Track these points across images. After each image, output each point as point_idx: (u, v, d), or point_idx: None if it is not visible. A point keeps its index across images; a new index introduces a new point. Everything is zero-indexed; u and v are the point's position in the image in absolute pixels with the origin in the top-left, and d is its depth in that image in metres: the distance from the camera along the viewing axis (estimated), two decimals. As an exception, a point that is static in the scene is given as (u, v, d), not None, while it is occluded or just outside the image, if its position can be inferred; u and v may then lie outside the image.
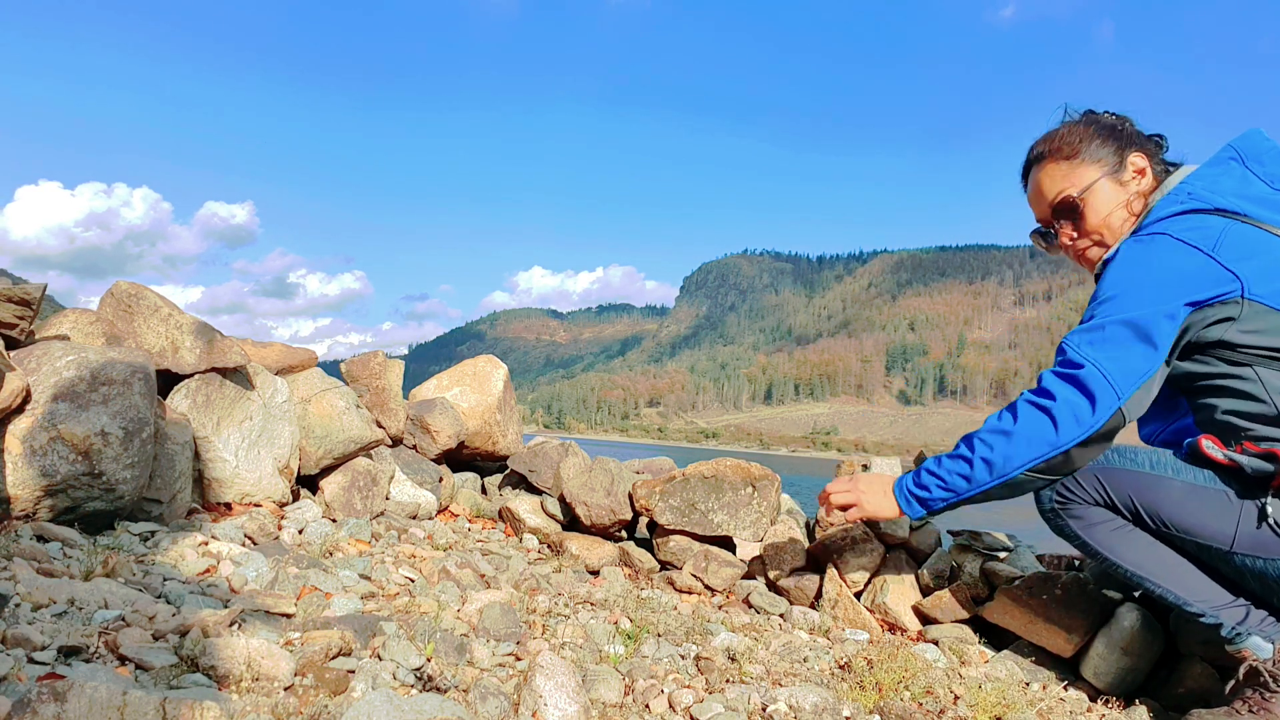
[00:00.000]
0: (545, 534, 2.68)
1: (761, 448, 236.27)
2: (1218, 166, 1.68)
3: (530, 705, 1.26)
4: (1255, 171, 1.65)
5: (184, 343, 2.36)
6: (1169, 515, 1.54)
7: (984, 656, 1.92)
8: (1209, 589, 1.56)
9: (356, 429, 2.65)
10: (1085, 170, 1.80)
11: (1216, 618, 1.54)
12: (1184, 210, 1.62)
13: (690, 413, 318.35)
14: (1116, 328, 1.54)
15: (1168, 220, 1.62)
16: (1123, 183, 1.77)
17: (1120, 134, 1.80)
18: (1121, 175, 1.77)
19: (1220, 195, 1.61)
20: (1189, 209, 1.62)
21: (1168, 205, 1.66)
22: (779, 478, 2.61)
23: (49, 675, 1.04)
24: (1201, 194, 1.63)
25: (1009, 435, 1.58)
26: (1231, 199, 1.60)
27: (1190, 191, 1.65)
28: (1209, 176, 1.67)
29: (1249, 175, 1.64)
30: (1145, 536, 1.59)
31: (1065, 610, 1.85)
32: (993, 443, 1.60)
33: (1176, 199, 1.65)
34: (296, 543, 2.15)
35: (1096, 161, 1.79)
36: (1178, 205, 1.64)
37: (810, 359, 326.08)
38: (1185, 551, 1.57)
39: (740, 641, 1.81)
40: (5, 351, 1.88)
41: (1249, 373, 1.52)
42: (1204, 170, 1.70)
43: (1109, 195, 1.77)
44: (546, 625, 1.78)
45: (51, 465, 1.81)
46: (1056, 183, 1.82)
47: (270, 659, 1.20)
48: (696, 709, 1.40)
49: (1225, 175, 1.65)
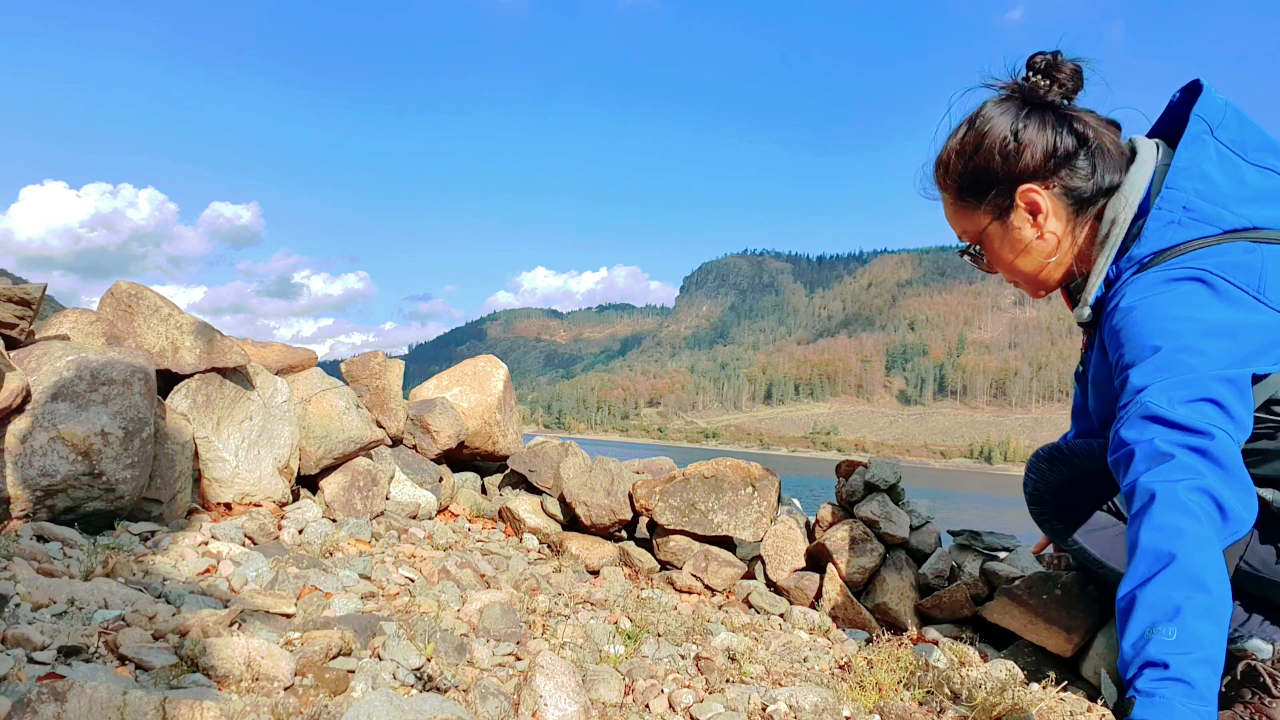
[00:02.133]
0: (545, 534, 2.68)
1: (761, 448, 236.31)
2: (1195, 148, 1.38)
3: (530, 705, 1.26)
4: (1225, 143, 1.37)
5: (184, 343, 2.36)
6: None
7: (984, 656, 1.92)
8: None
9: (356, 429, 2.65)
10: (971, 215, 1.54)
11: None
12: (1192, 241, 1.32)
13: (690, 413, 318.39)
14: (1207, 381, 1.17)
15: (1185, 256, 1.31)
16: (1018, 228, 1.48)
17: (989, 170, 1.46)
18: (1013, 217, 1.48)
19: (1224, 206, 1.33)
20: (1196, 237, 1.32)
21: (1164, 229, 1.35)
22: (779, 478, 2.61)
23: (49, 675, 1.04)
24: (1202, 209, 1.34)
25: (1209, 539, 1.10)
26: (1236, 208, 1.33)
27: (1185, 205, 1.35)
28: (1195, 172, 1.36)
29: (1225, 153, 1.36)
30: None
31: (1065, 610, 1.85)
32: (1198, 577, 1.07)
33: (1170, 217, 1.35)
34: (296, 543, 2.15)
35: (979, 207, 1.51)
36: (1176, 229, 1.34)
37: (810, 359, 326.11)
38: None
39: (740, 641, 1.81)
40: (5, 351, 1.88)
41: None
42: (1184, 160, 1.37)
43: (1004, 242, 1.52)
44: (546, 625, 1.78)
45: (51, 465, 1.81)
46: (952, 220, 1.59)
47: (270, 659, 1.20)
48: (696, 709, 1.40)
49: (1208, 162, 1.36)
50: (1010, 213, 1.48)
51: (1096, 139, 1.44)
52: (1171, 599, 0.99)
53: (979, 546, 2.16)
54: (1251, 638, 1.51)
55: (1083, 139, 1.43)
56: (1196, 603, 0.98)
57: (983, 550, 2.15)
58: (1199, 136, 1.38)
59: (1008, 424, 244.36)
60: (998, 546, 2.16)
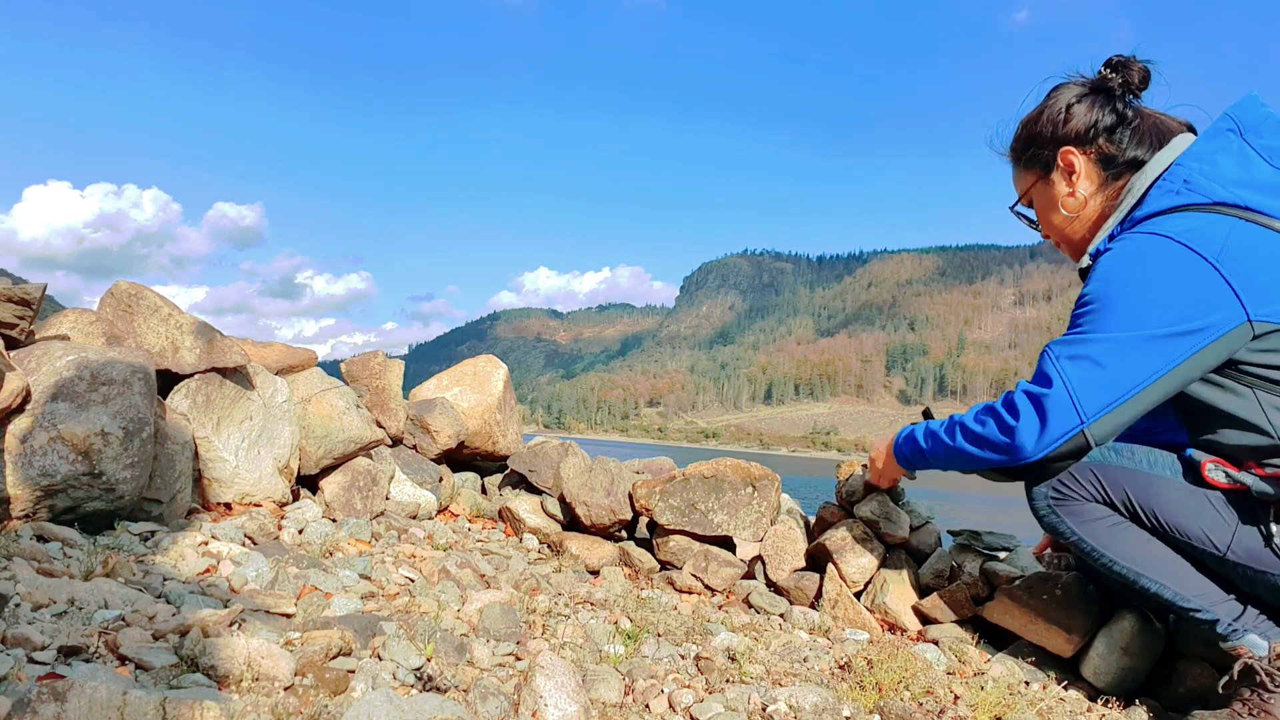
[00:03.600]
0: (545, 534, 2.68)
1: (761, 448, 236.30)
2: (1215, 140, 1.55)
3: (530, 705, 1.26)
4: (1254, 145, 1.52)
5: (184, 342, 2.36)
6: (1167, 516, 1.52)
7: (984, 656, 1.91)
8: (1204, 586, 1.54)
9: (356, 429, 2.65)
10: (1024, 175, 1.82)
11: (1212, 614, 1.52)
12: (1181, 206, 1.51)
13: (690, 413, 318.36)
14: (1099, 343, 1.46)
15: (1164, 218, 1.51)
16: (1056, 184, 1.74)
17: (1042, 135, 1.74)
18: (1054, 175, 1.74)
19: (1221, 184, 1.49)
20: (1186, 204, 1.50)
21: (1162, 196, 1.55)
22: (779, 478, 2.61)
23: (49, 675, 1.04)
24: (1200, 183, 1.51)
25: (978, 438, 1.60)
26: (1232, 188, 1.48)
27: (1186, 179, 1.53)
28: (1206, 155, 1.54)
29: (1248, 151, 1.51)
30: (1141, 533, 1.57)
31: (1065, 610, 1.84)
32: (965, 438, 1.64)
33: (1170, 188, 1.54)
34: (296, 543, 2.15)
35: (1030, 170, 1.80)
36: (1172, 198, 1.53)
37: (810, 359, 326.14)
38: (1181, 550, 1.55)
39: (740, 641, 1.81)
40: (5, 351, 1.88)
41: (1248, 395, 1.44)
42: (1200, 146, 1.57)
43: (1045, 198, 1.78)
44: (546, 625, 1.78)
45: (51, 465, 1.81)
46: (1014, 181, 1.86)
47: (270, 659, 1.20)
48: (696, 709, 1.40)
49: (1223, 152, 1.53)
50: (1052, 171, 1.74)
51: (1136, 120, 1.67)
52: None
53: (979, 546, 2.16)
54: (1247, 633, 1.49)
55: (1123, 117, 1.67)
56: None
57: (983, 550, 2.15)
58: (1222, 132, 1.55)
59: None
60: (998, 546, 2.16)
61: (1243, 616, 1.51)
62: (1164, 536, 1.55)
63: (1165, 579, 1.55)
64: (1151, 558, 1.56)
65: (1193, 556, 1.55)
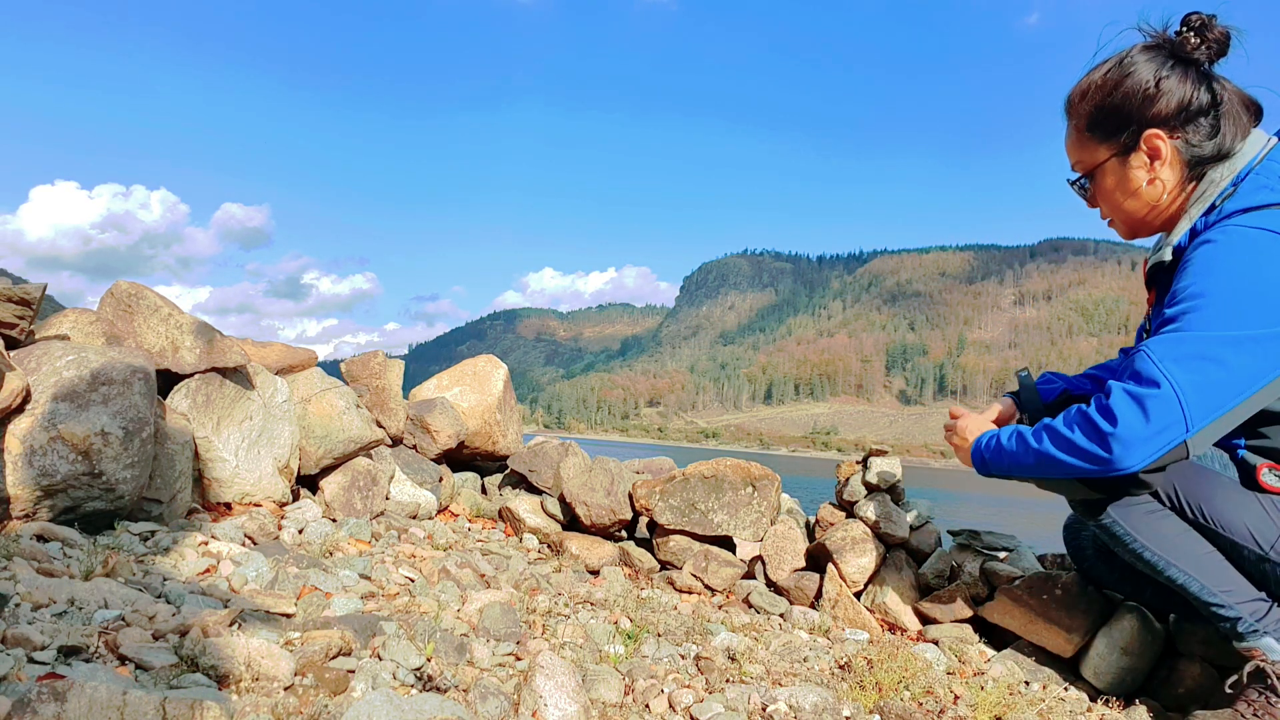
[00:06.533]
0: (545, 534, 2.68)
1: (761, 447, 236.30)
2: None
3: (530, 705, 1.26)
4: None
5: (184, 342, 2.36)
6: (1213, 510, 1.49)
7: (984, 656, 1.91)
8: (1234, 582, 1.51)
9: (356, 429, 2.65)
10: (1093, 146, 1.62)
11: (1235, 611, 1.50)
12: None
13: (690, 413, 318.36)
14: (1210, 343, 1.32)
15: (1264, 212, 1.38)
16: (1133, 169, 1.56)
17: (1124, 110, 1.54)
18: (1132, 158, 1.56)
19: None
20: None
21: (1257, 191, 1.42)
22: (779, 478, 2.61)
23: (49, 675, 1.04)
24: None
25: (1069, 444, 1.44)
26: None
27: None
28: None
29: None
30: (1179, 523, 1.53)
31: (1065, 610, 1.85)
32: (1053, 442, 1.47)
33: (1265, 182, 1.42)
34: (296, 542, 2.15)
35: (1105, 142, 1.59)
36: (1267, 194, 1.40)
37: (810, 359, 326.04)
38: (1219, 545, 1.52)
39: (740, 641, 1.81)
40: (5, 351, 1.88)
41: None
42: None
43: (1117, 180, 1.59)
44: (546, 625, 1.78)
45: (51, 465, 1.81)
46: (1072, 149, 1.66)
47: (270, 659, 1.20)
48: (696, 709, 1.40)
49: None
50: (1132, 154, 1.56)
51: (1229, 104, 1.51)
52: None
53: (979, 546, 2.16)
54: (1266, 635, 1.48)
55: (1217, 100, 1.50)
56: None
57: (983, 550, 2.15)
58: None
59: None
60: (998, 546, 2.16)
61: (1266, 618, 1.49)
62: (1203, 530, 1.53)
63: (1195, 570, 1.51)
64: (1185, 549, 1.52)
65: (1229, 554, 1.52)
